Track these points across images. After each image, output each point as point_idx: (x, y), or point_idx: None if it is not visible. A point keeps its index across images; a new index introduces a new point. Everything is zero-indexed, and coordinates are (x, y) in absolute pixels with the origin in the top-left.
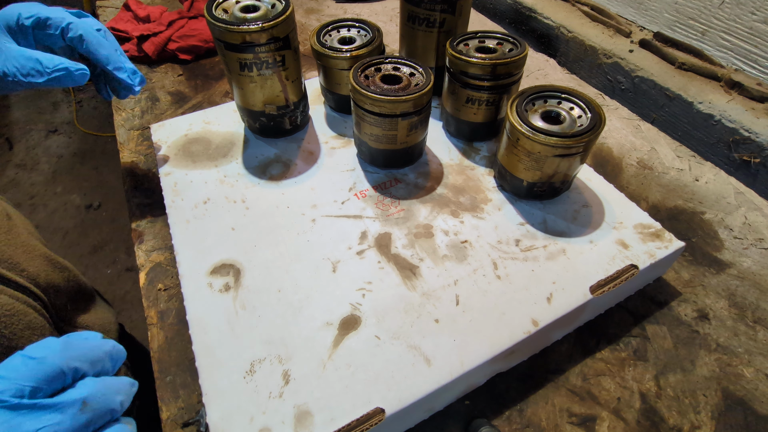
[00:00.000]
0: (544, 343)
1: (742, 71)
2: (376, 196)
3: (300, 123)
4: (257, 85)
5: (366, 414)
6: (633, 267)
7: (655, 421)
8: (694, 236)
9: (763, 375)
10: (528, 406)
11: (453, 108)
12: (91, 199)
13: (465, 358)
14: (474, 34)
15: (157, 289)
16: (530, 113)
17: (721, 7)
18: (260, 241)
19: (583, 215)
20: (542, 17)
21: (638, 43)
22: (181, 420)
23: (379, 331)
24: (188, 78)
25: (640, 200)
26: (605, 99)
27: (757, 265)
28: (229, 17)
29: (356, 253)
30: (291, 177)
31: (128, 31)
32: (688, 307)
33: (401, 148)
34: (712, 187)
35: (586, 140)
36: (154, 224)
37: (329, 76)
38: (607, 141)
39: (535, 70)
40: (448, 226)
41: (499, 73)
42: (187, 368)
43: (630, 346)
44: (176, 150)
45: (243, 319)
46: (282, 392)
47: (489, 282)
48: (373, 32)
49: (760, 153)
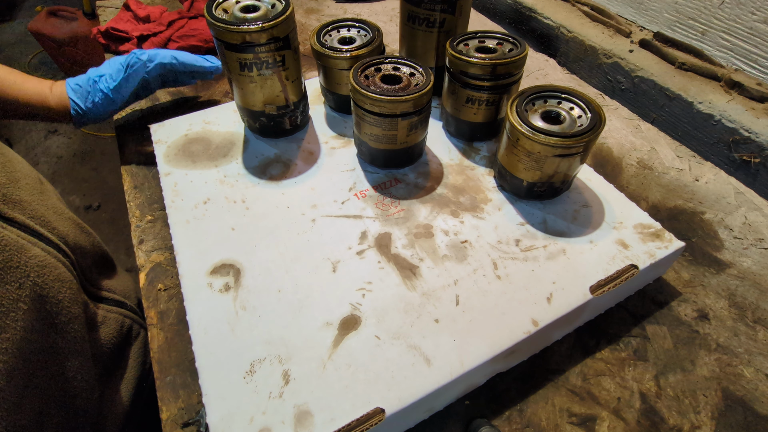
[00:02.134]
0: (544, 343)
1: (742, 71)
2: (376, 196)
3: (300, 123)
4: (257, 85)
5: (366, 414)
6: (633, 267)
7: (655, 421)
8: (694, 236)
9: (763, 375)
10: (528, 406)
11: (453, 108)
12: (91, 200)
13: (465, 358)
14: (474, 34)
15: (157, 289)
16: (530, 113)
17: (721, 7)
18: (260, 241)
19: (583, 215)
20: (542, 17)
21: (638, 43)
22: (181, 420)
23: (379, 331)
24: None
25: (640, 200)
26: (605, 99)
27: (757, 265)
28: (229, 17)
29: (356, 253)
30: (291, 177)
31: (128, 31)
32: (688, 307)
33: (401, 148)
34: (712, 187)
35: (586, 140)
36: (154, 224)
37: (329, 76)
38: (607, 141)
39: (535, 70)
40: (448, 226)
41: (499, 73)
42: (187, 368)
43: (630, 346)
44: (176, 150)
45: (243, 319)
46: (282, 392)
47: (489, 282)
48: (373, 32)
49: (760, 153)
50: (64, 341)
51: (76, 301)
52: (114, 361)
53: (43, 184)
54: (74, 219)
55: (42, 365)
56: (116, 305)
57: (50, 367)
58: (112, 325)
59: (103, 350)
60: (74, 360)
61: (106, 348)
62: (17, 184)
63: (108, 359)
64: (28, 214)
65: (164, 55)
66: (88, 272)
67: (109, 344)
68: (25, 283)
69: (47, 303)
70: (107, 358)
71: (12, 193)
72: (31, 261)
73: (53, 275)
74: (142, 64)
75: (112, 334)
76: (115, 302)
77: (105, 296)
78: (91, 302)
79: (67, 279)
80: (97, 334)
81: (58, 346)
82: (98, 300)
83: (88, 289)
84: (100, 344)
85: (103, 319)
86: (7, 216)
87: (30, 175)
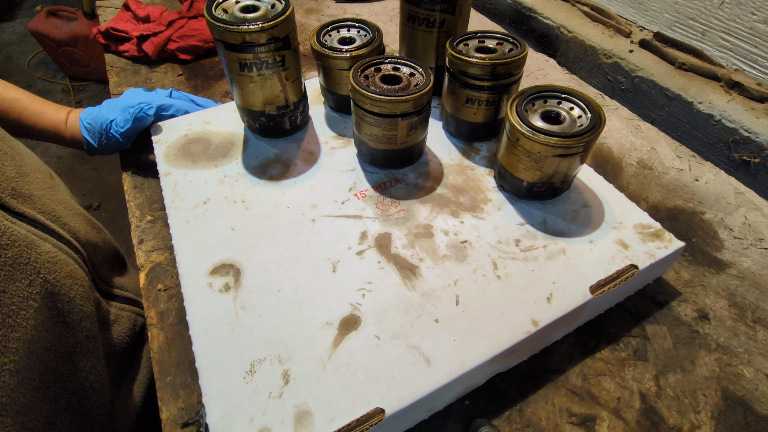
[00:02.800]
0: (544, 343)
1: (742, 71)
2: (376, 196)
3: (300, 123)
4: (257, 85)
5: (366, 414)
6: (633, 267)
7: (655, 421)
8: (694, 236)
9: (763, 375)
10: (528, 406)
11: (453, 108)
12: (91, 200)
13: (465, 358)
14: (474, 34)
15: (157, 289)
16: (530, 113)
17: (721, 7)
18: (260, 241)
19: (583, 215)
20: (542, 17)
21: (638, 43)
22: (181, 420)
23: (379, 331)
24: (188, 78)
25: (640, 200)
26: (605, 99)
27: (757, 265)
28: (229, 17)
29: (356, 253)
30: (291, 177)
31: (128, 31)
32: (688, 307)
33: (401, 148)
34: (712, 187)
35: (586, 140)
36: (154, 224)
37: (329, 76)
38: (607, 141)
39: (535, 70)
40: (448, 226)
41: (499, 73)
42: (187, 369)
43: (630, 346)
44: (176, 150)
45: (243, 320)
46: (282, 392)
47: (489, 282)
48: (373, 32)
49: (760, 153)
50: (75, 340)
51: (88, 299)
52: (127, 360)
53: (53, 179)
54: (85, 215)
55: (53, 365)
56: (129, 303)
57: (62, 366)
58: (124, 324)
59: (115, 349)
60: (86, 360)
61: (119, 347)
62: (27, 178)
63: (121, 359)
64: (39, 209)
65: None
66: (100, 269)
67: (121, 343)
68: (36, 280)
69: (59, 300)
70: (120, 358)
71: (22, 187)
72: (42, 257)
73: (65, 272)
74: (149, 118)
75: (124, 332)
76: (128, 300)
77: (117, 294)
78: (104, 300)
79: (78, 276)
80: (110, 332)
81: (70, 344)
82: (110, 297)
83: (100, 286)
84: (113, 343)
85: (115, 317)
86: (16, 210)
87: (40, 169)
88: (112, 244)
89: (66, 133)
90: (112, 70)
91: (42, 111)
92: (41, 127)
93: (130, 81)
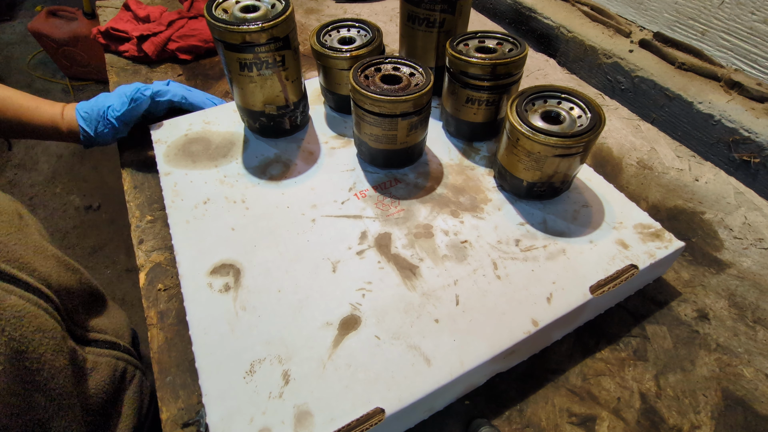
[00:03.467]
0: (544, 343)
1: (742, 71)
2: (376, 196)
3: (300, 123)
4: (257, 85)
5: (366, 414)
6: (633, 267)
7: (655, 421)
8: (694, 236)
9: (763, 375)
10: (528, 406)
11: (453, 108)
12: (91, 200)
13: (465, 358)
14: (474, 34)
15: (157, 289)
16: (530, 113)
17: (721, 7)
18: (260, 241)
19: (583, 215)
20: (542, 17)
21: (638, 43)
22: (181, 420)
23: (379, 331)
24: (188, 78)
25: (640, 200)
26: (605, 99)
27: (757, 265)
28: (229, 17)
29: (356, 253)
30: (291, 177)
31: (128, 31)
32: (688, 307)
33: (401, 148)
34: (712, 187)
35: (586, 140)
36: (154, 224)
37: (329, 76)
38: (607, 141)
39: (535, 70)
40: (448, 226)
41: (499, 73)
42: (187, 369)
43: (630, 346)
44: (176, 150)
45: (243, 320)
46: (282, 392)
47: (489, 282)
48: (373, 32)
49: (760, 153)
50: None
51: (61, 352)
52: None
53: (22, 219)
54: (58, 256)
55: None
56: (108, 347)
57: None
58: (104, 371)
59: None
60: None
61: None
62: None
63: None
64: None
65: (175, 93)
66: (75, 314)
67: (101, 393)
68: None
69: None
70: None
71: None
72: (6, 312)
73: (33, 326)
74: (146, 99)
75: (104, 380)
76: (107, 344)
77: (95, 338)
78: (79, 347)
79: (49, 328)
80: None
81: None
82: (87, 343)
83: (76, 332)
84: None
85: (93, 365)
86: None
87: (7, 210)
88: (90, 284)
89: (63, 126)
90: (112, 70)
91: (37, 106)
92: (38, 122)
93: (130, 81)
